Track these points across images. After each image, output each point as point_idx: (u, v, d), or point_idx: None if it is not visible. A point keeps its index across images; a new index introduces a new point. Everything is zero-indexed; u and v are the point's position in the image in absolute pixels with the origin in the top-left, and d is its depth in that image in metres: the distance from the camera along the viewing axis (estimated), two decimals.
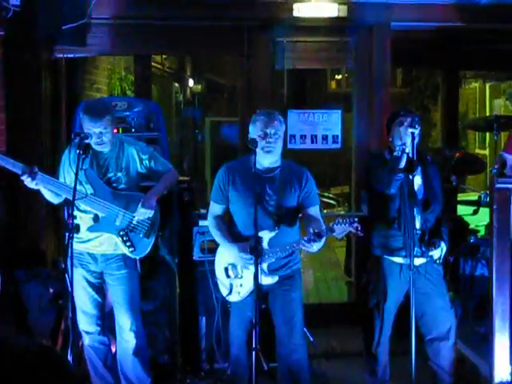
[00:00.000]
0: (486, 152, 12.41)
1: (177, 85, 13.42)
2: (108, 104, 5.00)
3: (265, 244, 4.60)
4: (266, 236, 4.60)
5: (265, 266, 4.62)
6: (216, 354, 5.72)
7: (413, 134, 4.73)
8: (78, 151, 4.58)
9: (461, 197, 7.88)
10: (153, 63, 9.08)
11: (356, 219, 4.45)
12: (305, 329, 5.07)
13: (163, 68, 11.62)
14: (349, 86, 14.16)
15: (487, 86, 13.10)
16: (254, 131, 4.59)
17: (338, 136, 6.95)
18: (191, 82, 13.93)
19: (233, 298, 4.76)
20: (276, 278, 4.68)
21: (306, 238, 4.45)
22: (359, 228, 4.45)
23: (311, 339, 5.93)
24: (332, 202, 11.96)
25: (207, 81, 14.57)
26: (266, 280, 4.65)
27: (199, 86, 14.28)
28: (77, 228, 4.44)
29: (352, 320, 6.69)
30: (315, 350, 6.04)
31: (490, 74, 12.21)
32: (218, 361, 5.73)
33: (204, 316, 5.79)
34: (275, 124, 4.58)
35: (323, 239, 4.47)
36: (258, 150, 4.54)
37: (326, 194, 11.93)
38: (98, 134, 4.67)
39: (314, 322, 6.01)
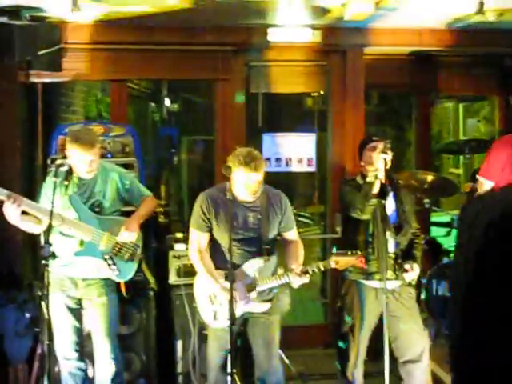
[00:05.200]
0: (460, 171, 12.53)
1: (153, 104, 13.43)
2: (94, 131, 5.05)
3: (256, 274, 4.65)
4: (256, 265, 4.66)
5: (254, 294, 4.67)
6: (192, 377, 5.73)
7: (385, 159, 4.82)
8: (53, 180, 4.63)
9: (434, 215, 7.95)
10: (129, 84, 9.07)
11: (359, 252, 4.61)
12: (280, 351, 5.11)
13: (139, 88, 11.64)
14: (324, 103, 14.20)
15: (460, 106, 13.24)
16: (238, 178, 4.52)
17: (312, 159, 7.01)
18: (167, 102, 13.94)
19: (218, 325, 4.74)
20: (268, 305, 4.74)
21: (305, 270, 4.54)
22: (363, 260, 4.58)
23: (286, 361, 5.96)
24: (308, 221, 11.98)
25: (183, 100, 14.57)
26: (259, 308, 4.71)
27: (175, 105, 14.28)
28: (52, 255, 4.45)
29: (327, 341, 6.76)
30: (291, 372, 6.07)
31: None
32: None
33: (180, 340, 5.82)
34: (260, 174, 4.53)
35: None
36: (237, 182, 4.56)
37: (302, 214, 11.95)
38: (89, 162, 4.73)
39: (290, 343, 6.05)
